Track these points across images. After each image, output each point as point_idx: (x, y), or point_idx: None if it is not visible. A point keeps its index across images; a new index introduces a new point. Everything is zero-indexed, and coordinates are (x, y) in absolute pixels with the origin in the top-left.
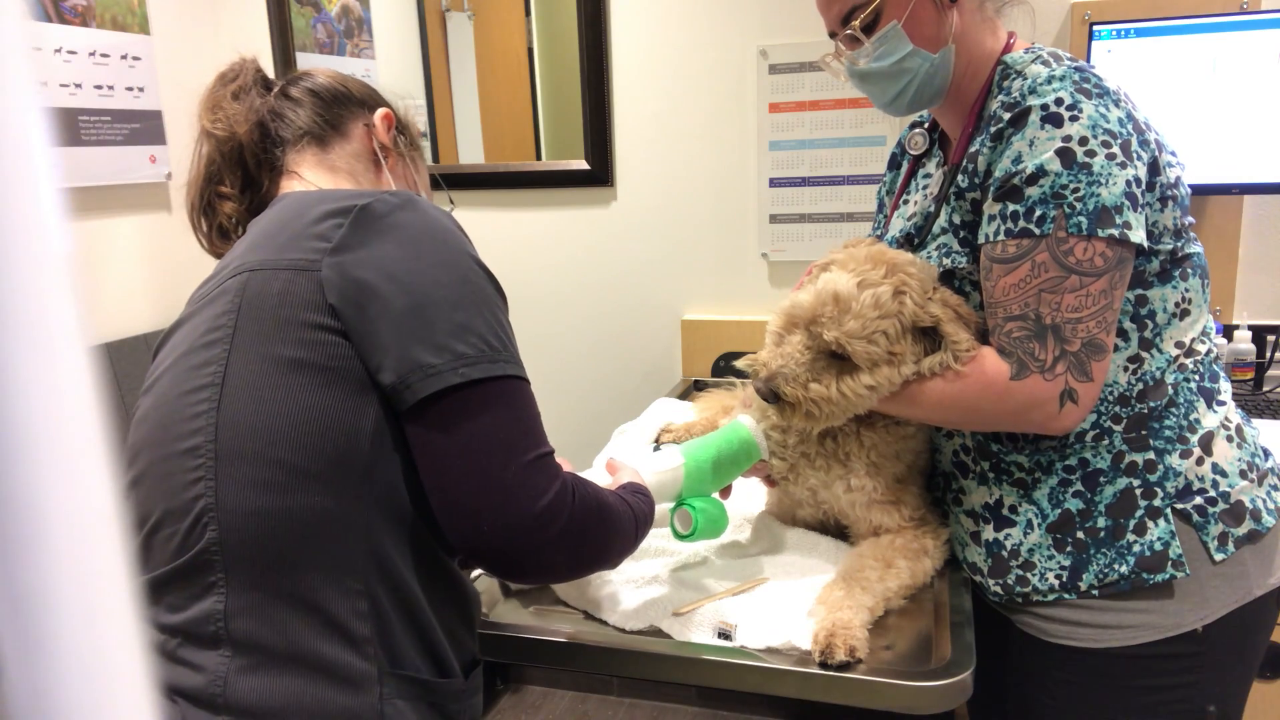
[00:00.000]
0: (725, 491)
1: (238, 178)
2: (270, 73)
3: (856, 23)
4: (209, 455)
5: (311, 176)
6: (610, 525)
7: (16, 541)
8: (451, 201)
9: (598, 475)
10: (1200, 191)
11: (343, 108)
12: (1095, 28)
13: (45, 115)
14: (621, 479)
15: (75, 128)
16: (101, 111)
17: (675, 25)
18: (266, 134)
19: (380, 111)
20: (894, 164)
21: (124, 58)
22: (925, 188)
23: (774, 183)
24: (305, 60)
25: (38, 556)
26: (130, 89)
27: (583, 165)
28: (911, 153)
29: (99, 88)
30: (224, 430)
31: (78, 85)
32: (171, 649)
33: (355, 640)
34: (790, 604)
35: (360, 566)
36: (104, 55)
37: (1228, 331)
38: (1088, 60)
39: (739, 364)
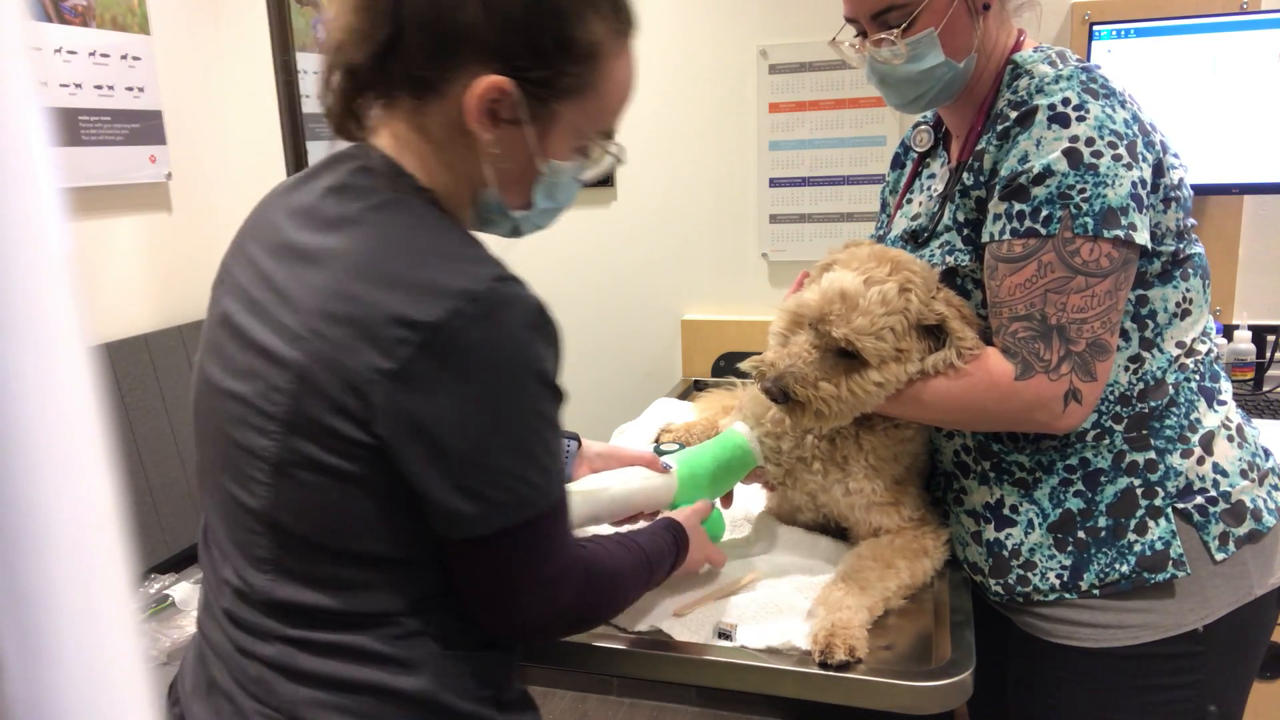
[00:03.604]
0: (726, 499)
1: (348, 85)
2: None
3: (899, 30)
4: (269, 538)
5: (400, 139)
6: (621, 597)
7: (16, 541)
8: (621, 159)
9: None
10: (1201, 192)
11: (448, 56)
12: (1095, 28)
13: (45, 115)
14: (621, 477)
15: (75, 128)
16: (101, 111)
17: (675, 25)
18: (387, 60)
19: (483, 82)
20: (898, 163)
21: (124, 58)
22: (930, 186)
23: (774, 183)
24: (305, 60)
25: (38, 556)
26: (130, 89)
27: None
28: (916, 150)
29: (99, 88)
30: (280, 525)
31: (78, 85)
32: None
33: (400, 650)
34: (790, 604)
35: (407, 605)
36: (104, 55)
37: (1228, 331)
38: (1087, 60)
39: (743, 366)
